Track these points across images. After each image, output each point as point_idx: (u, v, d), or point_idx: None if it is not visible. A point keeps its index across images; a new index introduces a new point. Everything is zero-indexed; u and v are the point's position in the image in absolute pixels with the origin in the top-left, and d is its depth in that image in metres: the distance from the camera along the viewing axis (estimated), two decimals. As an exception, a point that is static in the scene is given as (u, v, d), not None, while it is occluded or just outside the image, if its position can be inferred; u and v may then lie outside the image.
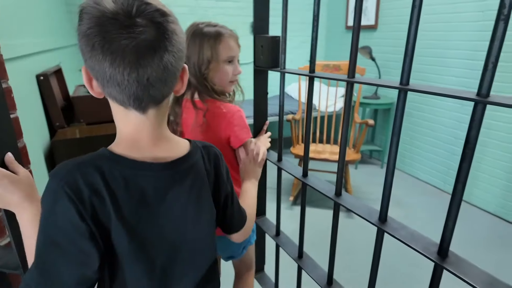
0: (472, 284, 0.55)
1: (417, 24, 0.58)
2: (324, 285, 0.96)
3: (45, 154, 1.42)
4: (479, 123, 0.53)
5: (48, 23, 1.92)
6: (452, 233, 0.60)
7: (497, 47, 0.48)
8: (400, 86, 0.62)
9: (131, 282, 0.51)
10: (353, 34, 0.69)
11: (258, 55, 1.05)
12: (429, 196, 2.48)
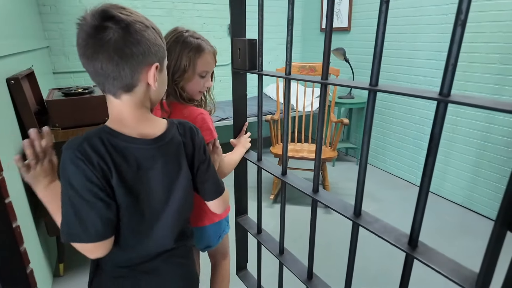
0: (439, 271, 0.60)
1: (384, 27, 0.62)
2: (304, 280, 1.00)
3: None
4: (442, 120, 0.58)
5: (18, 24, 1.86)
6: (420, 224, 0.65)
7: (455, 50, 0.53)
8: (369, 87, 0.66)
9: (126, 228, 0.67)
10: (325, 40, 0.72)
11: (235, 58, 1.07)
12: (401, 190, 2.60)
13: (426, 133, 2.49)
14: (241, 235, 1.37)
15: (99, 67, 0.58)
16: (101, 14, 0.57)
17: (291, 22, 0.88)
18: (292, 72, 2.50)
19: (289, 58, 0.92)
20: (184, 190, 0.74)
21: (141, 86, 0.64)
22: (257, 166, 1.12)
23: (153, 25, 0.65)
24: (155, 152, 0.68)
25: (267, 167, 1.09)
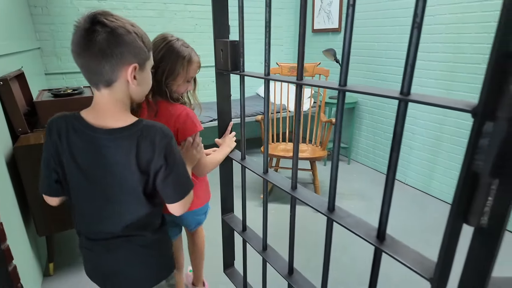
0: (403, 262, 0.63)
1: (351, 30, 0.65)
2: (285, 275, 1.02)
3: (7, 160, 1.40)
4: (403, 118, 0.60)
5: (8, 26, 1.87)
6: (387, 218, 0.68)
7: (413, 51, 0.56)
8: (339, 88, 0.69)
9: (81, 203, 0.81)
10: (299, 43, 0.75)
11: (218, 59, 1.10)
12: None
13: (415, 133, 2.53)
14: (227, 233, 1.39)
15: (86, 63, 0.69)
16: (92, 19, 0.68)
17: (268, 24, 0.91)
18: (282, 72, 2.54)
19: (268, 59, 0.95)
20: (128, 186, 0.78)
21: (120, 82, 0.73)
22: (241, 165, 1.15)
23: (137, 31, 0.73)
24: (107, 142, 0.74)
25: (250, 166, 1.11)
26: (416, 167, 2.58)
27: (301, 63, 0.77)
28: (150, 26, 3.05)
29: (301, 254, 1.81)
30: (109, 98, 0.74)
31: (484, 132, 0.49)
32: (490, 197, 0.51)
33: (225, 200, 1.34)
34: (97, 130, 0.74)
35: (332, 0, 3.07)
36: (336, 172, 0.78)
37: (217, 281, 1.66)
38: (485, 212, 0.52)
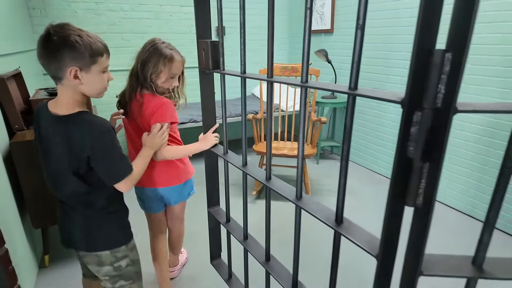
0: (355, 242, 0.69)
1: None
2: (263, 262, 1.08)
3: (4, 156, 1.47)
4: (352, 111, 0.66)
5: (6, 27, 1.94)
6: (343, 202, 0.74)
7: (358, 50, 0.62)
8: (301, 84, 0.75)
9: (44, 173, 1.02)
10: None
11: (201, 58, 1.16)
12: (380, 184, 2.70)
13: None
14: (213, 225, 1.45)
15: (42, 62, 0.89)
16: (48, 29, 0.87)
17: (243, 25, 0.97)
18: (274, 72, 2.60)
19: (243, 59, 1.00)
20: (62, 163, 0.96)
21: (68, 80, 0.90)
22: (224, 159, 1.21)
23: (83, 41, 0.89)
24: (54, 125, 0.94)
25: (232, 161, 1.17)
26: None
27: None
28: (146, 28, 3.13)
29: (280, 243, 1.87)
30: (61, 91, 0.93)
31: (414, 121, 0.55)
32: (423, 180, 0.57)
33: (211, 194, 1.40)
34: (51, 115, 0.94)
35: (324, 2, 3.13)
36: (302, 163, 0.84)
37: (204, 272, 1.72)
38: (420, 194, 0.58)
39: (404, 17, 2.44)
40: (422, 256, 0.59)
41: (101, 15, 2.97)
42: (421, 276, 0.60)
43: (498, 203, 0.56)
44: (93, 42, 0.90)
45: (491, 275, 0.60)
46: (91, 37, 0.92)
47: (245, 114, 1.04)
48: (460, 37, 0.47)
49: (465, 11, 0.46)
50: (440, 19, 0.50)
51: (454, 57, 0.49)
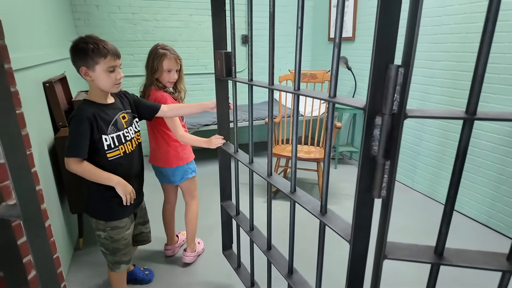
0: (332, 228, 0.79)
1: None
2: (265, 250, 1.20)
3: (49, 148, 1.70)
4: (332, 117, 0.77)
5: (55, 35, 2.22)
6: (326, 195, 0.84)
7: (335, 67, 0.72)
8: (294, 92, 0.87)
9: None
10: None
11: (216, 67, 1.30)
12: (397, 192, 2.70)
13: (422, 139, 2.59)
14: (225, 218, 1.59)
15: None
16: (77, 38, 1.16)
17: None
18: (293, 79, 2.70)
19: (250, 69, 1.12)
20: None
21: (84, 77, 1.20)
22: (234, 157, 1.34)
23: (91, 48, 1.14)
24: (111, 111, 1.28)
25: (240, 158, 1.30)
26: (423, 173, 2.63)
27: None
28: (176, 36, 3.36)
29: (286, 237, 1.97)
30: (90, 86, 1.25)
31: (376, 124, 0.65)
32: (386, 175, 0.67)
33: (224, 189, 1.54)
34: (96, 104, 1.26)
35: (347, 11, 3.20)
36: (295, 153, 0.95)
37: (216, 262, 1.86)
38: (384, 187, 0.68)
39: (448, 23, 2.44)
40: (385, 241, 0.68)
41: (137, 25, 3.24)
42: (386, 260, 0.69)
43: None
44: (96, 47, 1.13)
45: (450, 262, 0.68)
46: (98, 44, 1.15)
47: (251, 118, 1.16)
48: (409, 56, 0.57)
49: (409, 36, 0.56)
50: (395, 42, 0.60)
51: (405, 71, 0.59)
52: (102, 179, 1.21)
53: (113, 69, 1.20)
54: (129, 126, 1.33)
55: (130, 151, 1.32)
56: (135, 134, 1.37)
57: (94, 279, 1.73)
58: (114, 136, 1.25)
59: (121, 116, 1.30)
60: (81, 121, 1.16)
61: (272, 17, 0.92)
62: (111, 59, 1.18)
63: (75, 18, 3.01)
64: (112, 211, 1.30)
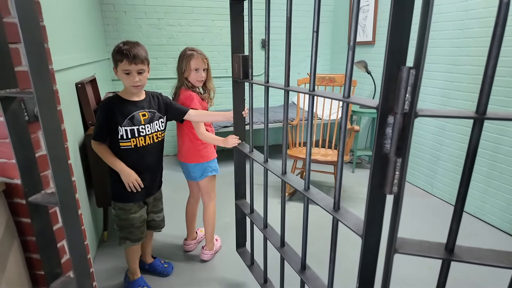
0: (345, 224, 0.83)
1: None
2: (278, 247, 1.23)
3: (79, 145, 1.82)
4: (346, 116, 0.80)
5: (88, 41, 2.37)
6: (339, 192, 0.88)
7: (349, 68, 0.76)
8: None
9: None
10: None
11: (234, 69, 1.33)
12: (416, 197, 2.67)
13: (443, 144, 2.55)
14: (240, 217, 1.62)
15: None
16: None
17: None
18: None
19: (267, 71, 1.15)
20: None
21: (116, 75, 1.40)
22: (249, 156, 1.37)
23: (114, 52, 1.34)
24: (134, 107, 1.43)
25: (255, 157, 1.32)
26: (443, 178, 2.58)
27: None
28: (199, 40, 3.47)
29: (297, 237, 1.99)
30: None
31: (388, 123, 0.68)
32: (397, 172, 0.70)
33: (238, 187, 1.58)
34: (127, 101, 1.45)
35: (367, 15, 3.21)
36: (310, 152, 0.99)
37: (232, 260, 1.90)
38: (395, 184, 0.71)
39: (471, 27, 2.41)
40: (395, 236, 0.71)
41: (162, 30, 3.37)
42: (397, 254, 0.72)
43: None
44: (118, 51, 1.33)
45: (460, 258, 0.70)
46: (121, 48, 1.32)
47: (267, 118, 1.20)
48: (420, 58, 0.61)
49: (421, 39, 0.60)
50: (407, 44, 0.64)
51: (416, 73, 0.62)
52: (110, 163, 1.42)
53: (129, 72, 1.35)
54: (147, 124, 1.45)
55: (142, 146, 1.45)
56: (156, 133, 1.49)
57: (117, 270, 1.82)
58: (128, 129, 1.40)
59: (141, 114, 1.43)
60: (101, 111, 1.38)
61: (289, 21, 0.97)
62: (126, 63, 1.32)
63: (105, 23, 3.18)
64: (118, 193, 1.47)
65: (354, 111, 3.10)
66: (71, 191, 0.98)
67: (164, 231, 2.19)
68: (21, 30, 0.82)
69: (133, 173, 1.42)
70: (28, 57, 0.83)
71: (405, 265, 1.82)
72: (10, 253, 0.97)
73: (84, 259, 1.03)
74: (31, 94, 0.86)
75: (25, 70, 0.96)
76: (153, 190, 1.58)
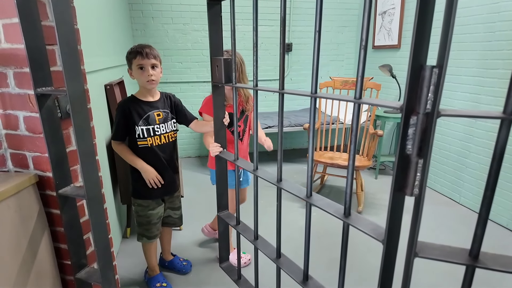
0: (362, 230, 0.80)
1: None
2: (273, 259, 1.12)
3: (106, 143, 1.90)
4: (357, 117, 0.79)
5: (117, 45, 2.47)
6: (350, 198, 0.85)
7: (361, 68, 0.74)
8: (311, 94, 0.91)
9: None
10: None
11: (214, 73, 1.21)
12: (441, 206, 2.56)
13: (471, 150, 2.45)
14: (222, 229, 1.40)
15: None
16: None
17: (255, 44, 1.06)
18: (335, 86, 2.71)
19: (255, 72, 1.03)
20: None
21: (131, 78, 1.49)
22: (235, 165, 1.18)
23: (128, 52, 1.43)
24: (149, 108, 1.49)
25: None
26: (471, 187, 2.47)
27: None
28: (224, 45, 3.53)
29: (290, 245, 1.96)
30: None
31: (411, 124, 0.67)
32: (418, 173, 0.68)
33: (221, 198, 1.36)
34: (142, 101, 1.52)
35: (392, 18, 3.15)
36: (312, 156, 0.98)
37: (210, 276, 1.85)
38: (416, 185, 0.69)
39: (504, 30, 2.31)
40: (416, 239, 0.70)
41: (187, 34, 3.47)
42: (417, 258, 0.70)
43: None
44: (132, 51, 1.42)
45: (485, 265, 0.67)
46: (133, 48, 1.42)
47: (256, 125, 1.08)
48: (443, 57, 0.59)
49: (444, 37, 0.59)
50: (428, 43, 0.63)
51: (439, 72, 0.61)
52: (130, 162, 1.48)
53: (142, 66, 1.41)
54: (162, 123, 1.51)
55: (158, 144, 1.51)
56: (170, 133, 1.55)
57: (137, 266, 1.87)
58: (144, 129, 1.46)
59: (156, 114, 1.49)
60: (118, 111, 1.45)
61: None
62: (140, 58, 1.40)
63: (133, 28, 3.31)
64: (137, 190, 1.54)
65: (378, 116, 3.04)
66: (97, 186, 1.02)
67: (183, 230, 2.25)
68: (57, 32, 0.88)
69: (153, 170, 1.48)
70: (63, 58, 0.89)
71: (422, 273, 1.75)
72: (41, 241, 1.03)
73: (108, 252, 1.08)
74: (64, 92, 0.92)
75: (60, 70, 1.02)
76: (171, 189, 1.63)
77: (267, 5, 3.55)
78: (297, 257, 1.60)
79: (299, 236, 2.18)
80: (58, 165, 1.04)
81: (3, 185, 0.92)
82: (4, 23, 0.95)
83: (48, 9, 0.97)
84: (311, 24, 3.71)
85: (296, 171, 3.33)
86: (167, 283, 1.66)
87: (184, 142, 3.74)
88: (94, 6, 1.89)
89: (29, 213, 0.99)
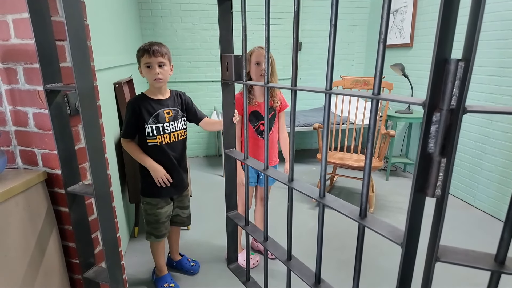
0: (380, 232, 0.77)
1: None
2: (284, 261, 1.08)
3: (115, 142, 1.89)
4: (375, 114, 0.76)
5: (126, 44, 2.47)
6: (366, 199, 0.81)
7: (380, 62, 0.70)
8: (326, 91, 0.87)
9: None
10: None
11: (224, 71, 1.18)
12: (457, 209, 2.49)
13: (486, 152, 2.38)
14: (231, 229, 1.38)
15: None
16: None
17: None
18: (345, 85, 2.66)
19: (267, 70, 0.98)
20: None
21: (142, 76, 1.49)
22: (245, 164, 1.15)
23: (137, 50, 1.42)
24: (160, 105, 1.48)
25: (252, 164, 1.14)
26: (487, 189, 2.40)
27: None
28: (231, 43, 3.52)
29: (301, 245, 1.92)
30: None
31: (434, 121, 0.64)
32: (441, 173, 0.65)
33: (230, 198, 1.34)
34: (153, 100, 1.50)
35: (404, 17, 3.09)
36: (326, 158, 0.94)
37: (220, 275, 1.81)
38: (438, 186, 0.66)
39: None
40: (438, 242, 0.66)
41: (196, 34, 3.46)
42: (438, 262, 0.66)
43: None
44: (138, 50, 1.42)
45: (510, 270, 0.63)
46: (141, 46, 1.41)
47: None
48: (470, 50, 0.56)
49: (471, 31, 0.55)
50: (453, 36, 0.59)
51: (465, 66, 0.57)
52: (140, 160, 1.47)
53: (149, 65, 1.41)
54: (172, 121, 1.50)
55: (167, 143, 1.49)
56: (180, 131, 1.53)
57: (145, 266, 1.86)
58: (154, 127, 1.45)
59: (166, 112, 1.48)
60: (128, 109, 1.45)
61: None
62: (146, 57, 1.40)
63: (142, 28, 3.32)
64: (146, 188, 1.53)
65: (389, 116, 2.98)
66: (106, 184, 1.01)
67: (191, 230, 2.23)
68: (67, 27, 0.86)
69: (162, 169, 1.47)
70: (72, 53, 0.88)
71: (438, 277, 1.70)
72: (49, 239, 1.02)
73: (116, 251, 1.06)
74: (73, 88, 0.91)
75: (69, 66, 1.01)
76: (180, 188, 1.61)
77: (276, 4, 3.52)
78: (306, 259, 1.56)
79: (308, 238, 2.14)
80: (66, 162, 1.03)
81: (12, 182, 0.91)
82: (14, 18, 0.94)
83: (58, 4, 0.96)
84: (320, 23, 3.67)
85: (305, 172, 3.29)
86: (175, 284, 1.64)
87: (192, 141, 3.73)
88: (104, 6, 1.89)
89: (37, 211, 0.98)
